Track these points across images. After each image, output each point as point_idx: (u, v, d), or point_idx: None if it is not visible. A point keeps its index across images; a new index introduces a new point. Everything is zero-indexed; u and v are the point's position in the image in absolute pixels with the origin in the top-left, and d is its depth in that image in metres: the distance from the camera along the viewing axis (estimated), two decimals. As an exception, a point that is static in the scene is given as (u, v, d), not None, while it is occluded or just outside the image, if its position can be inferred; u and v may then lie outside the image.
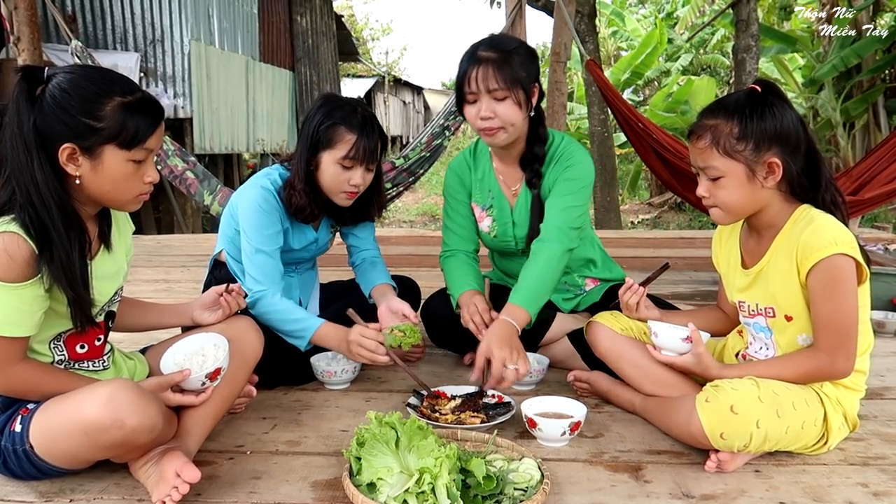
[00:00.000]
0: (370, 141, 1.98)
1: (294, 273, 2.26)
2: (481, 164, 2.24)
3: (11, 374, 1.38)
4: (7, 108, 1.37)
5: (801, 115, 1.60)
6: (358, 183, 2.01)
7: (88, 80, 1.37)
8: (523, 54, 2.00)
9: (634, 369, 1.85)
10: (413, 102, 28.68)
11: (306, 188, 2.02)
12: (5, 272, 1.31)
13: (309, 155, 2.01)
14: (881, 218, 8.15)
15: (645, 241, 5.49)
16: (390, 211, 11.85)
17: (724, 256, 1.81)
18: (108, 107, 1.36)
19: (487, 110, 1.97)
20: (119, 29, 8.97)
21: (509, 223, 2.19)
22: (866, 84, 9.66)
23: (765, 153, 1.55)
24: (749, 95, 1.59)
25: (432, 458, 1.32)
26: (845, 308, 1.53)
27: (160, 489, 1.38)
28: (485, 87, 1.95)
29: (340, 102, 2.03)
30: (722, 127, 1.57)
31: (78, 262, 1.39)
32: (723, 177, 1.58)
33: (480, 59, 1.96)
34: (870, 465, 1.61)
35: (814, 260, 1.52)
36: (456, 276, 2.18)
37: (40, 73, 1.37)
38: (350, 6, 26.62)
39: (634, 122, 4.38)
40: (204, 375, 1.54)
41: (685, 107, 11.61)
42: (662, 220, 11.62)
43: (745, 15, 6.77)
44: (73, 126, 1.34)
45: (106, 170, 1.39)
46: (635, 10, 18.19)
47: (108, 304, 1.56)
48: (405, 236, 6.03)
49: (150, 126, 1.41)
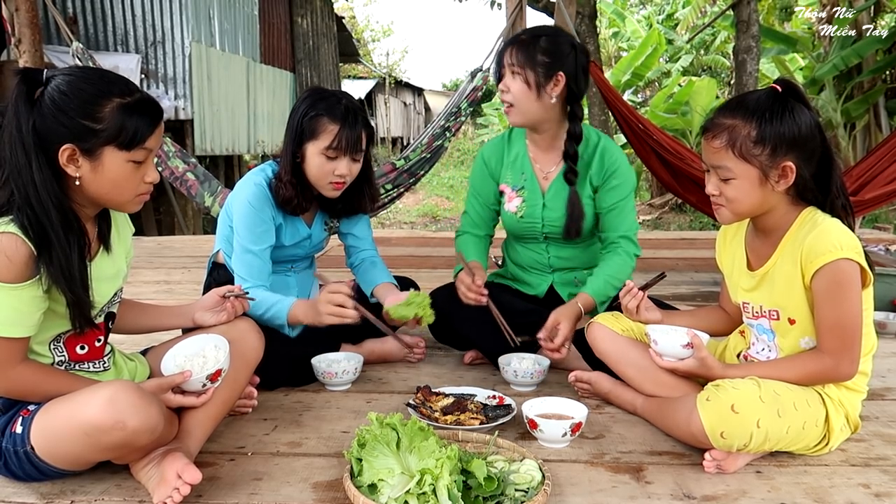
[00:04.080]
0: (353, 131, 1.99)
1: (291, 272, 2.27)
2: (516, 146, 2.31)
3: (12, 375, 1.38)
4: (7, 109, 1.37)
5: (818, 119, 1.58)
6: (343, 173, 2.03)
7: (87, 81, 1.37)
8: (552, 43, 2.09)
9: (635, 370, 1.84)
10: (414, 104, 28.69)
11: (293, 180, 2.05)
12: (4, 273, 1.31)
13: (294, 147, 2.03)
14: (882, 219, 8.14)
15: (646, 241, 5.48)
16: (391, 212, 11.85)
17: (728, 256, 1.80)
18: (106, 108, 1.36)
19: (504, 84, 2.11)
20: (120, 30, 8.97)
21: (539, 205, 2.25)
22: (867, 85, 9.65)
23: (780, 158, 1.53)
24: (769, 96, 1.56)
25: (433, 459, 1.32)
26: (850, 312, 1.53)
27: (161, 490, 1.38)
28: (507, 62, 2.10)
29: (325, 94, 2.05)
30: (740, 128, 1.54)
31: (77, 264, 1.39)
32: (734, 178, 1.56)
33: (513, 40, 2.13)
34: (871, 466, 1.61)
35: (818, 264, 1.51)
36: (466, 249, 2.32)
37: (39, 76, 1.37)
38: (351, 8, 26.64)
39: (635, 123, 4.38)
40: (205, 377, 1.54)
41: (686, 108, 11.59)
42: (663, 221, 11.60)
43: (746, 16, 6.77)
44: (73, 128, 1.34)
45: (106, 171, 1.39)
46: (635, 10, 18.19)
47: (108, 306, 1.56)
48: (406, 237, 6.04)
49: (149, 126, 1.41)
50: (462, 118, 5.18)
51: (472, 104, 5.17)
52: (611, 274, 2.16)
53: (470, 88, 5.11)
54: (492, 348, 2.21)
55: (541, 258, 2.32)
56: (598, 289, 2.14)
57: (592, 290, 2.14)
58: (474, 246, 2.33)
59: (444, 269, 4.08)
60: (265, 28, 11.66)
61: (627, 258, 2.20)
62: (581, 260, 2.31)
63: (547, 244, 2.30)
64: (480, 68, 5.05)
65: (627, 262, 2.20)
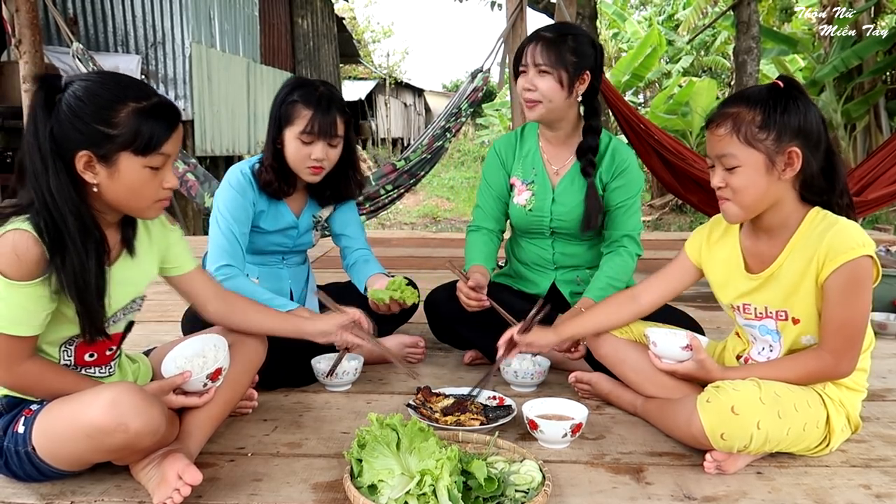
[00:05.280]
0: (326, 116, 2.04)
1: (283, 265, 2.30)
2: (528, 141, 2.34)
3: (19, 371, 1.38)
4: (8, 110, 1.37)
5: (822, 115, 1.58)
6: (319, 157, 2.07)
7: (103, 86, 1.37)
8: (579, 42, 2.12)
9: (635, 373, 1.84)
10: (414, 104, 28.70)
11: (273, 164, 2.13)
12: (11, 269, 1.31)
13: (275, 133, 2.11)
14: (882, 220, 8.15)
15: (646, 242, 5.47)
16: (391, 213, 11.84)
17: (711, 257, 1.78)
18: (122, 113, 1.35)
19: (530, 83, 2.11)
20: (120, 31, 8.98)
21: (548, 199, 2.26)
22: (867, 85, 9.66)
23: (786, 144, 1.52)
24: (772, 89, 1.56)
25: (433, 459, 1.31)
26: (861, 311, 1.53)
27: (161, 491, 1.38)
28: (532, 62, 2.11)
29: (303, 82, 2.12)
30: (744, 115, 1.53)
31: (93, 272, 1.38)
32: (740, 166, 1.54)
33: (538, 37, 2.12)
34: (872, 467, 1.61)
35: (839, 262, 1.50)
36: (471, 248, 2.33)
37: (58, 82, 1.36)
38: (351, 8, 26.62)
39: (636, 123, 4.38)
40: (205, 376, 1.54)
41: (686, 108, 11.60)
42: (664, 221, 11.60)
43: (746, 17, 6.78)
44: (89, 134, 1.34)
45: (122, 177, 1.38)
46: (634, 11, 18.20)
47: (123, 312, 1.54)
48: (406, 238, 6.04)
49: (165, 131, 1.39)
50: (462, 119, 5.17)
51: (472, 105, 5.16)
52: (612, 276, 2.17)
53: (470, 89, 5.10)
54: (492, 348, 2.21)
55: (545, 254, 2.33)
56: (599, 292, 2.14)
57: (594, 293, 2.14)
58: (484, 245, 2.32)
59: (445, 269, 4.08)
60: (265, 29, 11.68)
61: (629, 258, 2.21)
62: (585, 258, 2.32)
63: (553, 240, 2.31)
64: (481, 69, 5.05)
65: (629, 262, 2.21)
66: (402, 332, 2.45)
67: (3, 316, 1.33)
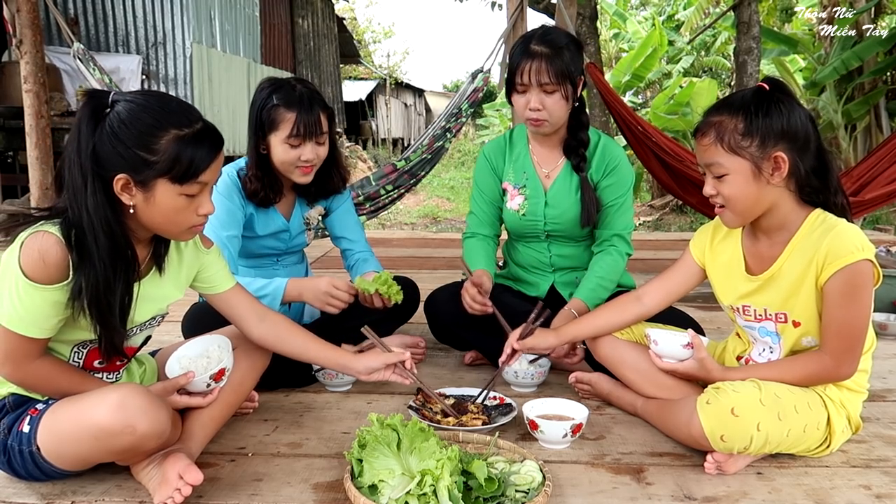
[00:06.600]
0: (310, 116, 2.02)
1: (277, 266, 2.30)
2: (518, 146, 2.33)
3: (28, 369, 1.38)
4: (9, 110, 1.37)
5: (810, 114, 1.57)
6: (309, 158, 2.05)
7: (147, 111, 1.35)
8: (573, 50, 2.10)
9: (635, 373, 1.84)
10: (414, 105, 28.69)
11: (258, 172, 2.10)
12: (35, 271, 1.31)
13: (257, 140, 2.07)
14: (883, 220, 8.13)
15: (646, 243, 5.48)
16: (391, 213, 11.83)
17: (714, 257, 1.78)
18: (163, 140, 1.34)
19: (537, 102, 2.08)
20: (121, 31, 8.98)
21: (541, 203, 2.26)
22: (868, 86, 9.64)
23: (770, 149, 1.52)
24: (756, 93, 1.56)
25: (434, 460, 1.32)
26: (861, 314, 1.53)
27: (162, 491, 1.38)
28: (536, 81, 2.06)
29: (279, 83, 2.08)
30: (727, 123, 1.54)
31: (119, 292, 1.37)
32: (728, 174, 1.55)
33: (534, 54, 2.06)
34: (872, 468, 1.61)
35: (839, 265, 1.50)
36: (471, 254, 2.31)
37: (105, 98, 1.36)
38: (352, 9, 26.62)
39: (634, 125, 4.38)
40: (208, 377, 1.55)
41: (686, 109, 11.59)
42: (664, 222, 11.59)
43: (747, 17, 6.78)
44: (129, 158, 1.33)
45: (158, 203, 1.38)
46: (635, 12, 18.19)
47: (142, 327, 1.55)
48: (406, 238, 6.04)
49: (204, 160, 1.38)
50: (463, 119, 5.17)
51: (472, 105, 5.16)
52: (602, 276, 2.17)
53: (471, 89, 5.10)
54: (492, 349, 2.21)
55: (542, 257, 2.33)
56: (589, 293, 2.14)
57: (584, 294, 2.14)
58: (483, 251, 2.31)
59: (445, 269, 4.09)
60: (266, 29, 11.67)
61: (619, 258, 2.20)
62: (582, 259, 2.31)
63: (548, 243, 2.30)
64: (481, 69, 5.05)
65: (619, 261, 2.20)
66: (402, 332, 2.45)
67: (19, 315, 1.33)
